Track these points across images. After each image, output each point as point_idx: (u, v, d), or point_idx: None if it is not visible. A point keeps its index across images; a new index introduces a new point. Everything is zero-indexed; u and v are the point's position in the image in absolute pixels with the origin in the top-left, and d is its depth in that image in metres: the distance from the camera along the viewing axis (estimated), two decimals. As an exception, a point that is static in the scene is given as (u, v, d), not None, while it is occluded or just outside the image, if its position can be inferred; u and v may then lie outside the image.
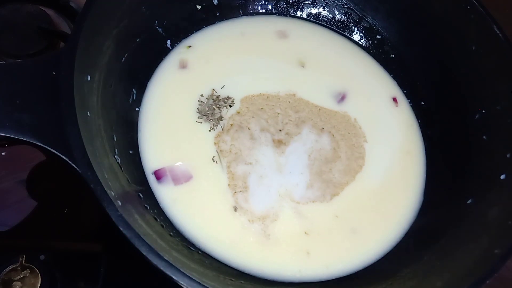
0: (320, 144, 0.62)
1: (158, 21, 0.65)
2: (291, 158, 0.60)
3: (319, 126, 0.64)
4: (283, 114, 0.64)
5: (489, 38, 0.59)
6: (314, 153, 0.61)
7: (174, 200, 0.55)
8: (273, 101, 0.65)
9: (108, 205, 0.39)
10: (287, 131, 0.62)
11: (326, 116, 0.65)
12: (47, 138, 0.42)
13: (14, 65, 0.50)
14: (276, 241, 0.55)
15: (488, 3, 0.60)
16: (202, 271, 0.46)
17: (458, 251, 0.51)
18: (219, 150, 0.59)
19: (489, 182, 0.55)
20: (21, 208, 0.64)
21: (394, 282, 0.51)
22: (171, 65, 0.66)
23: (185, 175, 0.57)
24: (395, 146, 0.66)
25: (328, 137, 0.63)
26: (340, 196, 0.60)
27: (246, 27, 0.73)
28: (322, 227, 0.57)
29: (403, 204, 0.62)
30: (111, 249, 0.61)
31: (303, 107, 0.65)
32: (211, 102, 0.63)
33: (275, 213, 0.56)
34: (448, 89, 0.66)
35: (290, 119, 0.63)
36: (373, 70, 0.74)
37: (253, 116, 0.63)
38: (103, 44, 0.51)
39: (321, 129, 0.63)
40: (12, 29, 0.72)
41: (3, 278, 0.53)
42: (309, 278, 0.54)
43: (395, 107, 0.70)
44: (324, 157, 0.61)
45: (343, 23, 0.77)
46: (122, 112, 0.57)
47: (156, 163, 0.57)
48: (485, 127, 0.59)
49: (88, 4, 0.47)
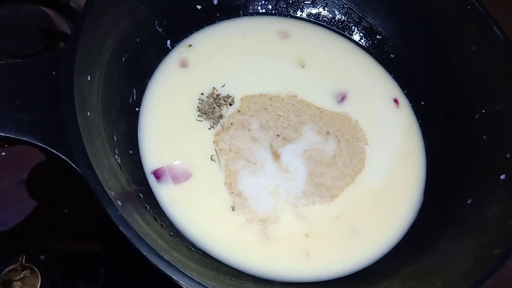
0: (322, 147, 0.62)
1: (158, 21, 0.65)
2: (291, 159, 0.60)
3: (323, 129, 0.64)
4: (285, 117, 0.64)
5: (489, 38, 0.59)
6: (315, 156, 0.61)
7: (173, 199, 0.55)
8: (277, 103, 0.65)
9: (108, 205, 0.39)
10: (285, 135, 0.62)
11: (329, 119, 0.65)
12: (47, 138, 0.42)
13: (14, 65, 0.50)
14: (276, 242, 0.55)
15: (488, 3, 0.60)
16: (202, 271, 0.46)
17: (458, 251, 0.51)
18: (217, 148, 0.59)
19: (489, 182, 0.55)
20: (21, 208, 0.64)
21: (394, 282, 0.51)
22: (171, 64, 0.66)
23: (184, 173, 0.57)
24: (395, 147, 0.66)
25: (332, 141, 0.63)
26: (340, 198, 0.60)
27: (247, 27, 0.73)
28: (322, 229, 0.57)
29: (403, 204, 0.62)
30: (111, 249, 0.61)
31: (305, 110, 0.65)
32: (212, 100, 0.63)
33: (276, 215, 0.56)
34: (448, 89, 0.66)
35: (289, 123, 0.63)
36: (373, 70, 0.74)
37: (253, 115, 0.63)
38: (103, 44, 0.51)
39: (326, 133, 0.63)
40: (12, 29, 0.72)
41: (3, 278, 0.53)
42: (309, 278, 0.54)
43: (396, 108, 0.70)
44: (325, 161, 0.61)
45: (343, 23, 0.77)
46: (122, 112, 0.57)
47: (156, 163, 0.57)
48: (485, 127, 0.59)
49: (88, 4, 0.47)
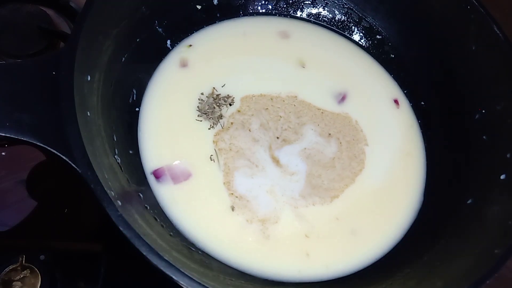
0: (322, 149, 0.62)
1: (158, 21, 0.65)
2: (290, 160, 0.60)
3: (325, 131, 0.64)
4: (285, 118, 0.63)
5: (489, 38, 0.59)
6: (314, 156, 0.61)
7: (173, 199, 0.55)
8: (277, 103, 0.65)
9: (108, 205, 0.39)
10: (285, 137, 0.62)
11: (330, 120, 0.65)
12: (47, 138, 0.42)
13: (14, 65, 0.50)
14: (276, 242, 0.55)
15: (488, 3, 0.60)
16: (202, 271, 0.46)
17: (458, 251, 0.51)
18: (217, 148, 0.59)
19: (489, 182, 0.55)
20: (21, 208, 0.64)
21: (394, 282, 0.51)
22: (171, 64, 0.66)
23: (184, 173, 0.57)
24: (395, 147, 0.66)
25: (333, 143, 0.63)
26: (340, 198, 0.59)
27: (248, 27, 0.73)
28: (322, 230, 0.57)
29: (403, 204, 0.62)
30: (111, 249, 0.61)
31: (306, 111, 0.65)
32: (211, 100, 0.63)
33: (276, 215, 0.56)
34: (448, 89, 0.66)
35: (290, 125, 0.63)
36: (373, 70, 0.74)
37: (253, 115, 0.63)
38: (103, 44, 0.51)
39: (328, 134, 0.63)
40: (12, 29, 0.72)
41: (3, 278, 0.53)
42: (309, 278, 0.54)
43: (396, 108, 0.70)
44: (323, 162, 0.61)
45: (343, 23, 0.77)
46: (122, 112, 0.57)
47: (155, 163, 0.57)
48: (485, 127, 0.59)
49: (88, 4, 0.47)
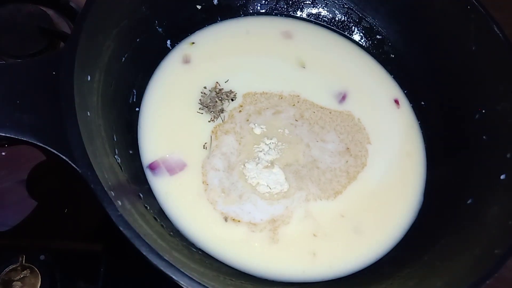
0: (325, 145, 0.62)
1: (158, 21, 0.65)
2: (294, 156, 0.60)
3: (328, 128, 0.64)
4: (288, 116, 0.64)
5: (489, 38, 0.59)
6: (318, 152, 0.61)
7: (171, 192, 0.55)
8: (280, 102, 0.65)
9: (108, 205, 0.39)
10: (287, 134, 0.62)
11: (333, 117, 0.65)
12: (47, 138, 0.42)
13: (14, 65, 0.50)
14: (285, 244, 0.55)
15: (488, 3, 0.60)
16: (202, 271, 0.46)
17: (458, 251, 0.51)
18: (214, 135, 0.59)
19: (489, 182, 0.55)
20: (21, 208, 0.64)
21: (394, 282, 0.51)
22: (174, 60, 0.66)
23: (179, 164, 0.57)
24: (396, 147, 0.66)
25: (336, 139, 0.63)
26: (344, 195, 0.60)
27: (251, 26, 0.73)
28: (328, 227, 0.57)
29: (403, 204, 0.62)
30: (111, 249, 0.61)
31: (309, 109, 0.65)
32: (214, 94, 0.63)
33: (283, 214, 0.56)
34: (448, 89, 0.66)
35: (292, 122, 0.63)
36: (373, 70, 0.74)
37: (255, 111, 0.63)
38: (103, 44, 0.51)
39: (331, 131, 0.64)
40: (12, 29, 0.72)
41: (3, 278, 0.53)
42: (312, 278, 0.54)
43: (396, 108, 0.70)
44: (327, 158, 0.61)
45: (343, 23, 0.77)
46: (122, 112, 0.57)
47: (153, 157, 0.57)
48: (485, 127, 0.59)
49: (88, 4, 0.47)
